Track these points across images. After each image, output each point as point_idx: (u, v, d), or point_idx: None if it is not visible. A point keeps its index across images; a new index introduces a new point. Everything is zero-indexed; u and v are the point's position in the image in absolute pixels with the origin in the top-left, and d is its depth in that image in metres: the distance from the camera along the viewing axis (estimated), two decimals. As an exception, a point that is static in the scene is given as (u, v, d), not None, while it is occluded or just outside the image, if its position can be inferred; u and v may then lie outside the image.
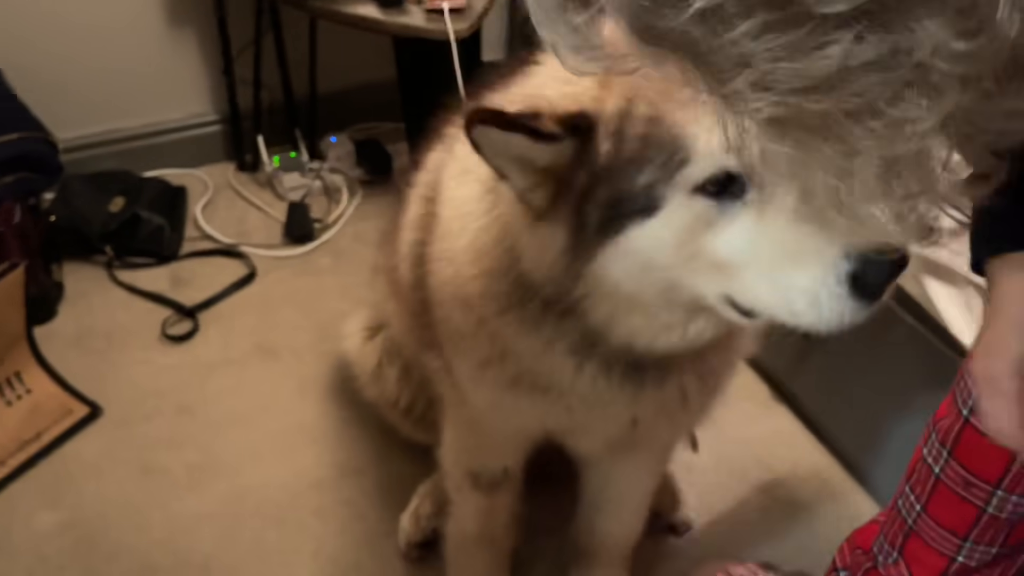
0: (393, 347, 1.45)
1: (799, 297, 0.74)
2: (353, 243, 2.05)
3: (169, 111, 2.21)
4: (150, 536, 1.47)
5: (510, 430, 1.17)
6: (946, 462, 1.03)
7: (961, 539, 1.06)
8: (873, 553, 1.18)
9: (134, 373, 1.74)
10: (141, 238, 1.97)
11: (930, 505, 1.07)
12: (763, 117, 0.49)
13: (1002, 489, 1.00)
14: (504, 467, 1.23)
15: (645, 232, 0.78)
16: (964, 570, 1.09)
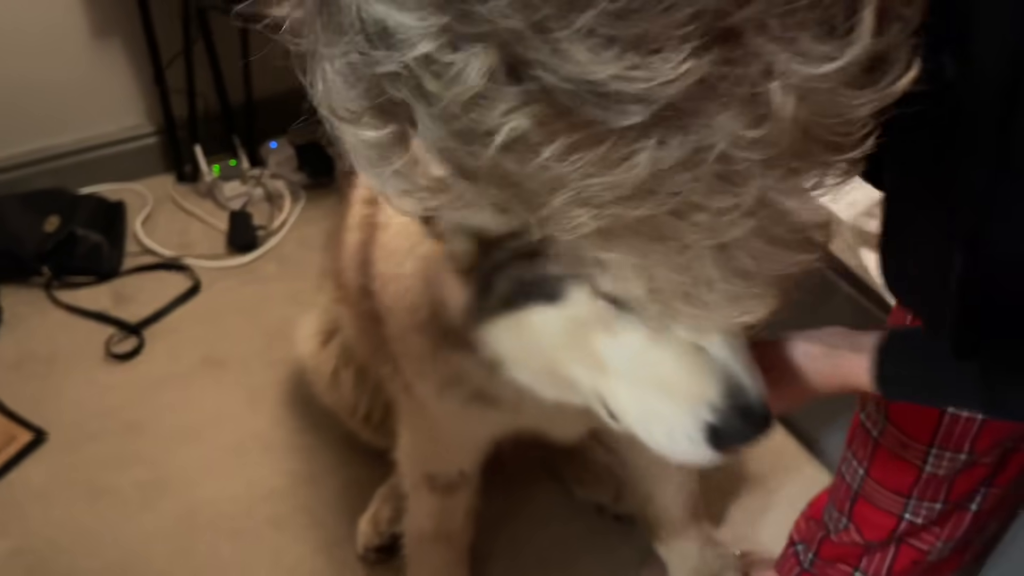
0: (347, 352, 1.44)
1: (658, 424, 0.77)
2: (299, 248, 2.03)
3: (102, 125, 2.16)
4: (103, 558, 1.44)
5: (473, 438, 1.17)
6: (883, 426, 1.05)
7: (905, 497, 1.08)
8: (824, 522, 1.20)
9: (78, 395, 1.71)
10: (79, 256, 1.93)
11: (872, 468, 1.09)
12: (589, 231, 0.51)
13: (936, 447, 1.02)
14: (460, 470, 1.24)
15: (543, 316, 0.79)
16: (912, 528, 1.11)
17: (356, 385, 1.44)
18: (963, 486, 1.06)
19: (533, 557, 1.44)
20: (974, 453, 1.02)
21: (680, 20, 0.43)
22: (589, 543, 1.46)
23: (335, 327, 1.46)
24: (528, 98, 0.46)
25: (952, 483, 1.06)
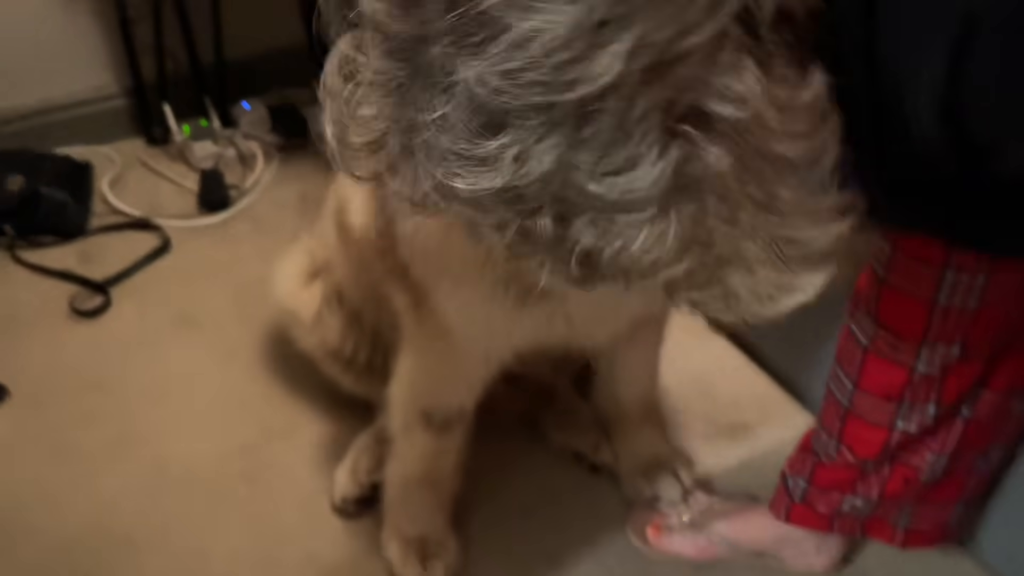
0: (336, 294, 1.39)
1: None
2: (272, 208, 1.98)
3: (67, 85, 2.10)
4: (68, 515, 1.38)
5: (497, 352, 1.13)
6: (873, 331, 1.02)
7: (896, 403, 1.05)
8: (815, 451, 1.17)
9: (42, 353, 1.64)
10: (43, 215, 1.86)
11: (862, 379, 1.07)
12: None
13: (927, 342, 1.00)
14: (460, 405, 1.20)
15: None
16: (905, 439, 1.08)
17: (343, 328, 1.39)
18: (955, 385, 1.04)
19: (515, 506, 1.40)
20: (967, 346, 1.00)
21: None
22: (572, 495, 1.42)
23: (318, 268, 1.41)
24: None
25: (944, 381, 1.03)
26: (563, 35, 0.46)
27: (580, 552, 1.34)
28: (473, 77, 0.49)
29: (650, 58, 0.47)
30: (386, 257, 1.11)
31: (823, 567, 1.29)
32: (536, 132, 0.49)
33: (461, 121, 0.51)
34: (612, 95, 0.48)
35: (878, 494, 1.15)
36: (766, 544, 1.28)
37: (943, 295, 0.95)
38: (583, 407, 1.49)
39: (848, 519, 1.20)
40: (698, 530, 1.31)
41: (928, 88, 0.51)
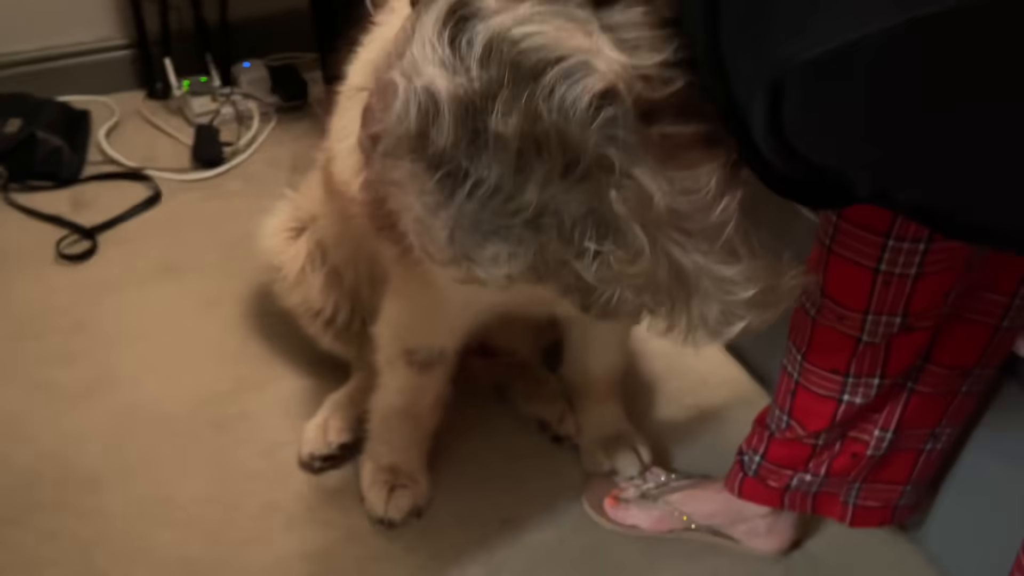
0: (318, 251, 1.41)
1: None
2: (266, 167, 1.99)
3: (74, 34, 2.12)
4: (36, 449, 1.41)
5: (477, 303, 1.17)
6: (820, 301, 1.04)
7: (843, 375, 1.07)
8: (769, 425, 1.18)
9: (26, 292, 1.67)
10: (38, 159, 1.89)
11: (810, 352, 1.08)
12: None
13: (871, 313, 1.01)
14: (441, 348, 1.24)
15: None
16: (851, 410, 1.10)
17: (325, 286, 1.41)
18: (900, 356, 1.05)
19: (476, 471, 1.41)
20: (909, 315, 1.00)
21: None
22: (533, 463, 1.44)
23: (304, 225, 1.43)
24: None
25: (888, 352, 1.04)
26: (495, 182, 0.65)
27: (535, 518, 1.36)
28: (458, 209, 0.68)
29: (556, 185, 0.65)
30: (374, 208, 1.12)
31: (773, 548, 1.30)
32: (516, 239, 0.68)
33: (469, 232, 0.69)
34: (545, 213, 0.66)
35: (826, 470, 1.16)
36: (719, 520, 1.29)
37: (884, 263, 0.96)
38: (552, 380, 1.50)
39: (798, 495, 1.22)
40: (653, 503, 1.32)
41: (760, 124, 0.62)
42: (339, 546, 1.31)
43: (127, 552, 1.28)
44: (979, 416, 1.16)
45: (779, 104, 0.59)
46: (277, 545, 1.30)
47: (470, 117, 0.64)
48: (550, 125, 0.63)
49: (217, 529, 1.32)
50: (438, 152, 0.66)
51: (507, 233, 0.68)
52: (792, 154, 0.63)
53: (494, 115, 0.63)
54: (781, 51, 0.57)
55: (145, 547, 1.29)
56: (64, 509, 1.33)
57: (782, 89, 0.58)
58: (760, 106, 0.60)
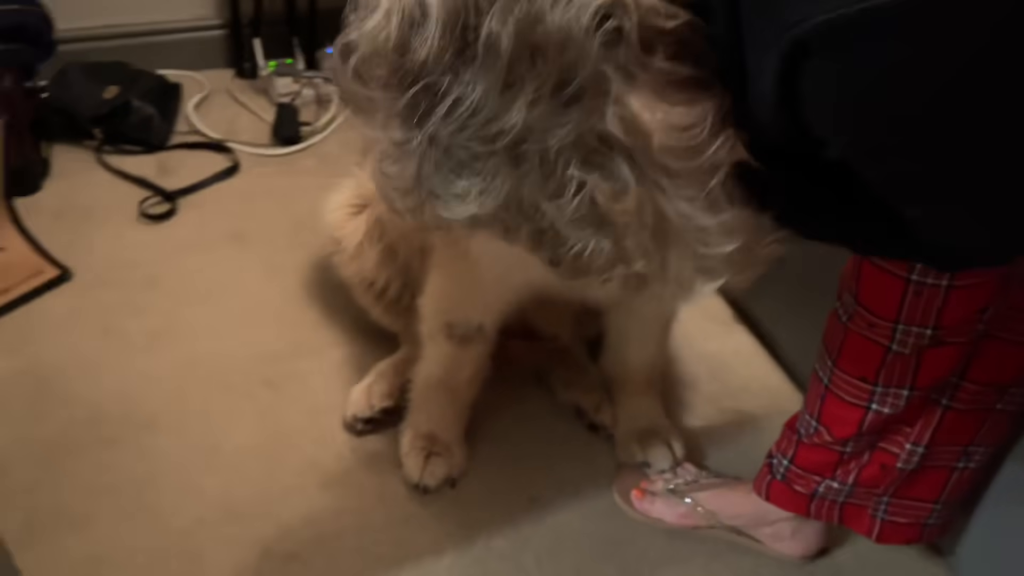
0: (377, 227, 1.47)
1: None
2: (339, 149, 2.07)
3: (173, 12, 2.24)
4: (101, 389, 1.50)
5: (513, 282, 1.19)
6: (853, 309, 1.04)
7: (872, 384, 1.06)
8: (798, 430, 1.19)
9: (108, 245, 1.78)
10: (131, 125, 2.00)
11: (841, 358, 1.08)
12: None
13: (901, 323, 1.00)
14: (480, 324, 1.28)
15: None
16: (879, 419, 1.09)
17: (379, 261, 1.48)
18: (931, 369, 1.04)
19: (509, 451, 1.45)
20: (940, 328, 1.00)
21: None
22: (566, 449, 1.47)
23: (366, 203, 1.50)
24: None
25: (919, 363, 1.04)
26: (478, 100, 0.61)
27: (563, 501, 1.39)
28: (430, 136, 0.63)
29: (546, 105, 0.61)
30: None
31: (797, 553, 1.30)
32: (491, 171, 0.64)
33: (438, 166, 0.65)
34: (529, 139, 0.62)
35: (855, 478, 1.16)
36: (744, 521, 1.30)
37: (916, 272, 0.96)
38: (591, 369, 1.53)
39: (825, 503, 1.21)
40: (680, 498, 1.34)
41: (767, 83, 0.60)
42: (372, 507, 1.36)
43: (176, 490, 1.36)
44: (1016, 435, 1.15)
45: (793, 66, 0.58)
46: (313, 500, 1.36)
47: (460, 24, 0.60)
48: (551, 31, 0.59)
49: (259, 479, 1.38)
50: (416, 66, 0.62)
51: (482, 165, 0.63)
52: (791, 119, 0.62)
53: (489, 17, 0.59)
54: (800, 10, 0.56)
55: (192, 488, 1.36)
56: (123, 446, 1.41)
57: (799, 50, 0.57)
58: (771, 64, 0.59)
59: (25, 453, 1.39)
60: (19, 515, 1.30)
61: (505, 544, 1.33)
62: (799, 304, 1.58)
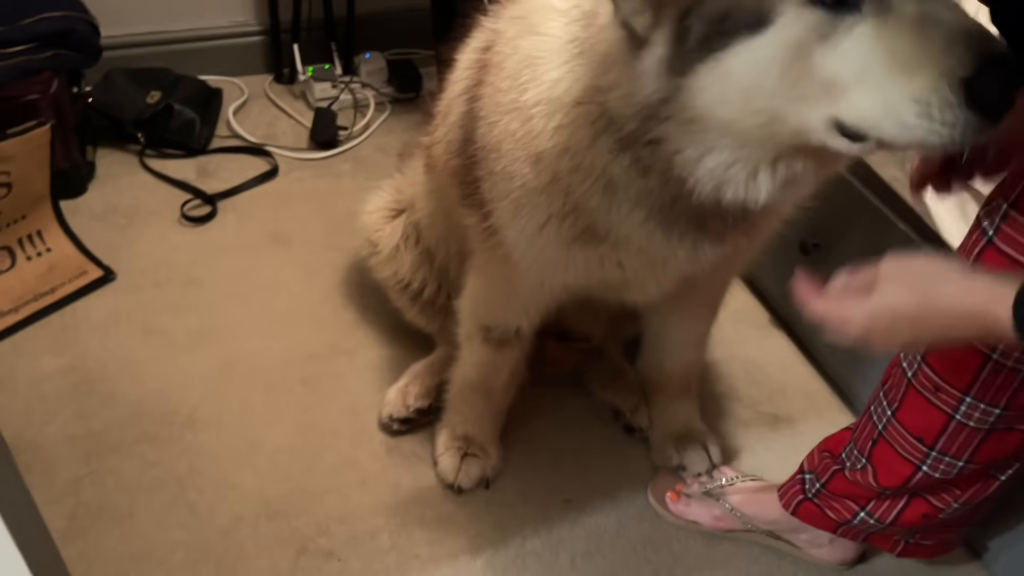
0: (414, 232, 1.49)
1: (911, 107, 0.71)
2: (376, 153, 2.09)
3: (214, 19, 2.28)
4: (144, 388, 1.53)
5: (551, 286, 1.19)
6: (919, 366, 1.01)
7: (928, 447, 1.04)
8: (842, 459, 1.17)
9: (150, 247, 1.81)
10: (173, 129, 2.04)
11: (900, 410, 1.05)
12: None
13: (971, 396, 0.98)
14: (517, 327, 1.28)
15: (753, 49, 0.73)
16: (927, 481, 1.07)
17: (415, 263, 1.49)
18: (992, 450, 1.01)
19: (546, 452, 1.45)
20: (1010, 410, 0.97)
21: None
22: (603, 450, 1.47)
23: (403, 207, 1.51)
24: None
25: (982, 444, 1.01)
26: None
27: (599, 503, 1.38)
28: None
29: None
30: (460, 176, 1.18)
31: (835, 560, 1.29)
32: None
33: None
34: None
35: (893, 519, 1.14)
36: (781, 525, 1.29)
37: (999, 351, 0.93)
38: (629, 371, 1.53)
39: (855, 530, 1.20)
40: (715, 501, 1.33)
41: None
42: (407, 505, 1.37)
43: (215, 486, 1.38)
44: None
45: None
46: (350, 498, 1.38)
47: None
48: None
49: (296, 477, 1.40)
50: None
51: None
52: None
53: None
54: None
55: (231, 484, 1.38)
56: (164, 443, 1.44)
57: None
58: None
59: (70, 450, 1.42)
60: (64, 510, 1.33)
61: (540, 545, 1.33)
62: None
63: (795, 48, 0.72)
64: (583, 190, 0.97)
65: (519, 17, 1.02)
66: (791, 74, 0.73)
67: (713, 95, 0.77)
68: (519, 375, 1.38)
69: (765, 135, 0.79)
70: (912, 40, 0.70)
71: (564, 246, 1.06)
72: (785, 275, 1.62)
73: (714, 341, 1.56)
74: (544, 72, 0.95)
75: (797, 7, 0.71)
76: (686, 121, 0.82)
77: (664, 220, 0.95)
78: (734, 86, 0.76)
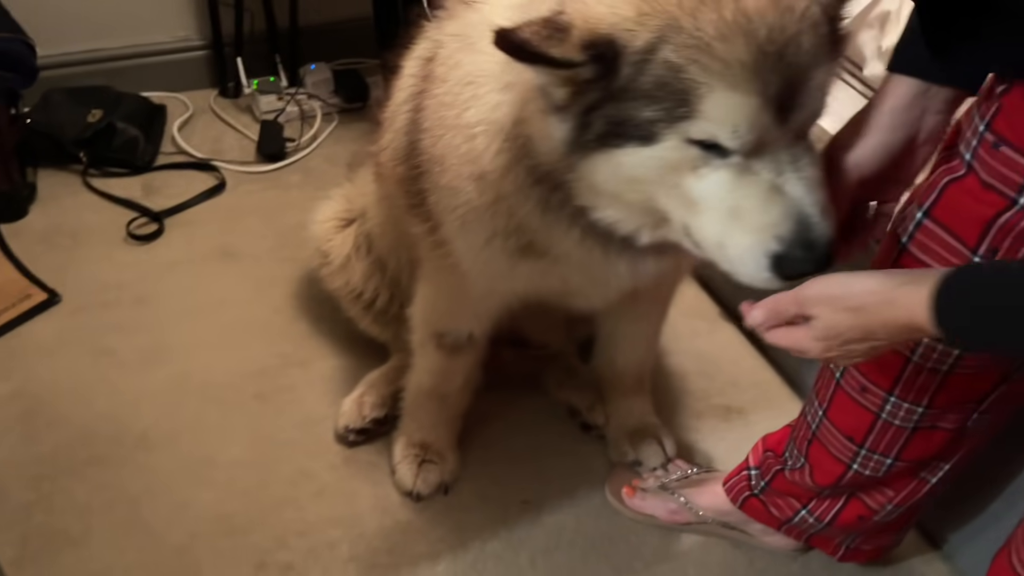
0: (365, 241, 1.49)
1: (733, 251, 0.84)
2: (324, 163, 2.09)
3: (155, 35, 2.26)
4: (93, 410, 1.51)
5: (499, 295, 1.21)
6: (845, 368, 1.04)
7: (857, 445, 1.07)
8: (784, 458, 1.20)
9: (96, 267, 1.78)
10: (115, 147, 2.01)
11: (831, 410, 1.09)
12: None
13: (895, 395, 1.01)
14: (469, 333, 1.29)
15: (638, 157, 0.83)
16: (858, 479, 1.10)
17: (367, 273, 1.49)
18: (919, 449, 1.05)
19: (503, 453, 1.46)
20: (933, 408, 1.00)
21: None
22: (560, 451, 1.48)
23: (354, 217, 1.51)
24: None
25: (908, 441, 1.04)
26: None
27: (555, 502, 1.39)
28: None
29: None
30: (406, 185, 1.18)
31: (789, 547, 1.31)
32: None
33: None
34: None
35: (831, 519, 1.18)
36: (733, 517, 1.31)
37: (919, 353, 0.96)
38: (584, 371, 1.54)
39: (797, 529, 1.23)
40: (671, 495, 1.35)
41: None
42: (366, 515, 1.37)
43: (170, 505, 1.36)
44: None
45: None
46: (307, 510, 1.37)
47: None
48: None
49: (253, 491, 1.39)
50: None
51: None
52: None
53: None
54: None
55: (186, 502, 1.37)
56: (116, 464, 1.42)
57: None
58: None
59: (19, 475, 1.39)
60: (15, 536, 1.31)
61: (500, 546, 1.33)
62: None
63: (671, 166, 0.83)
64: (525, 211, 0.99)
65: (458, 34, 1.03)
66: (666, 182, 0.84)
67: (606, 177, 0.88)
68: (474, 380, 1.39)
69: (645, 209, 0.90)
70: (754, 203, 0.82)
71: (509, 260, 1.08)
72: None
73: (666, 336, 1.58)
74: (485, 93, 0.96)
75: (678, 140, 0.81)
76: (583, 185, 0.91)
77: (601, 239, 0.98)
78: (622, 176, 0.87)
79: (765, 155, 0.80)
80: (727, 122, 0.77)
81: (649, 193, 0.86)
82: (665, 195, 0.85)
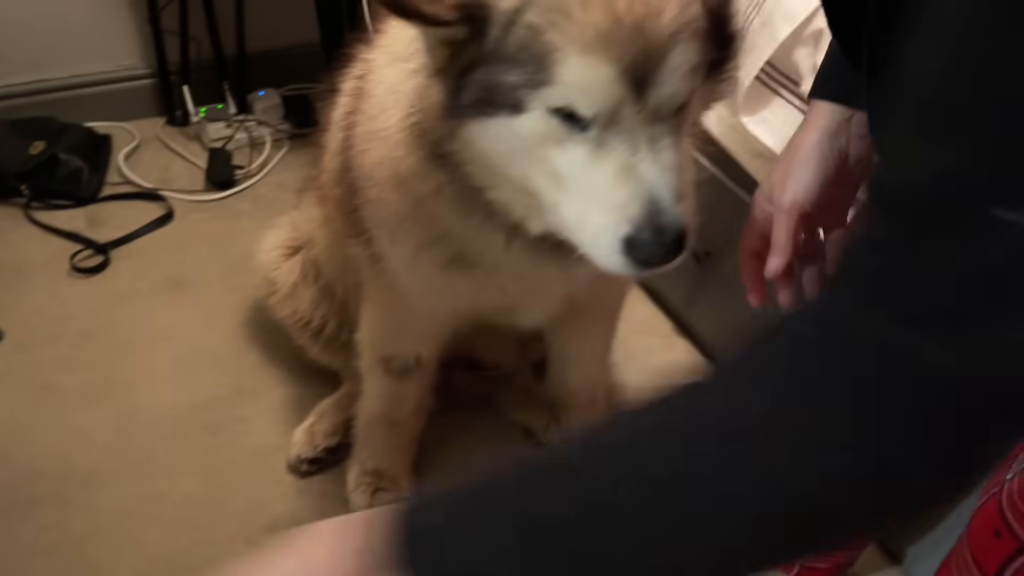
0: (313, 268, 1.47)
1: (589, 232, 0.83)
2: (275, 190, 2.07)
3: (98, 64, 2.23)
4: (37, 448, 1.47)
5: (441, 313, 1.20)
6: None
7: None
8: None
9: (39, 302, 1.74)
10: (59, 179, 1.97)
11: None
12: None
13: None
14: (417, 356, 1.28)
15: (508, 128, 0.82)
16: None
17: (315, 300, 1.47)
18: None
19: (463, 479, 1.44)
20: None
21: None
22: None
23: (301, 244, 1.50)
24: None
25: None
26: None
27: (514, 524, 1.38)
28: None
29: None
30: (343, 206, 1.18)
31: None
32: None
33: None
34: None
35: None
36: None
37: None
38: (539, 390, 1.54)
39: None
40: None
41: None
42: (321, 546, 1.34)
43: (118, 546, 1.33)
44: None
45: None
46: (260, 543, 1.33)
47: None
48: None
49: (204, 526, 1.36)
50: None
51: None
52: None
53: None
54: None
55: (135, 541, 1.33)
56: (61, 504, 1.38)
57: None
58: None
59: (-42, 519, 1.35)
60: (-47, 584, 1.26)
61: (458, 573, 1.31)
62: (732, 312, 1.61)
63: (538, 139, 0.82)
64: (444, 211, 0.99)
65: (386, 47, 1.03)
66: (535, 156, 0.83)
67: (483, 148, 0.87)
68: (426, 404, 1.37)
69: (525, 189, 0.88)
70: (606, 182, 0.80)
71: (440, 272, 1.07)
72: (684, 284, 1.69)
73: (620, 353, 1.58)
74: (404, 96, 0.96)
75: (541, 110, 0.80)
76: (468, 157, 0.89)
77: (527, 242, 0.97)
78: (497, 148, 0.85)
79: (622, 132, 0.79)
80: (580, 88, 0.77)
81: (523, 169, 0.85)
82: (537, 172, 0.84)
